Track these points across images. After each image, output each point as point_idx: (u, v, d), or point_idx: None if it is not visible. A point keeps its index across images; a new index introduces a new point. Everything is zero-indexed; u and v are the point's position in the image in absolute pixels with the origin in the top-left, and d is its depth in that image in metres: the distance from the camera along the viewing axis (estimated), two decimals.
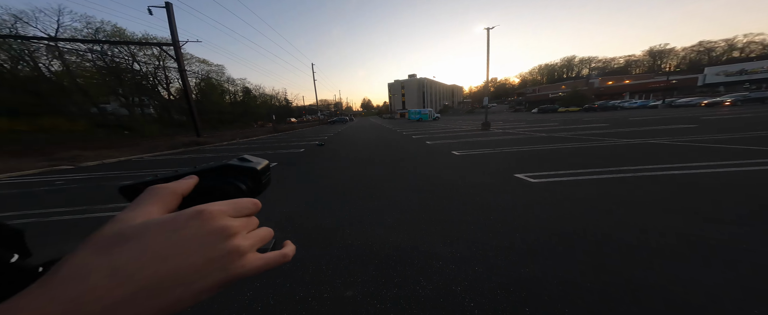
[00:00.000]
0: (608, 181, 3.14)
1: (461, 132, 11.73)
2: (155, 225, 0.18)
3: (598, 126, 10.51)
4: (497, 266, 1.58)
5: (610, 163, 4.06)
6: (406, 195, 3.02)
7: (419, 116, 33.35)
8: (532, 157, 4.97)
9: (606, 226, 2.00)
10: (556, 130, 9.74)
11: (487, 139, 8.17)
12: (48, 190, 4.14)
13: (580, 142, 6.51)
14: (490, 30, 13.54)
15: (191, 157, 8.29)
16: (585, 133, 8.16)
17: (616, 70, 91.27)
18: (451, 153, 5.97)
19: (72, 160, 7.19)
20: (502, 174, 3.75)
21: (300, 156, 6.85)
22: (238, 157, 0.29)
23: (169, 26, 11.83)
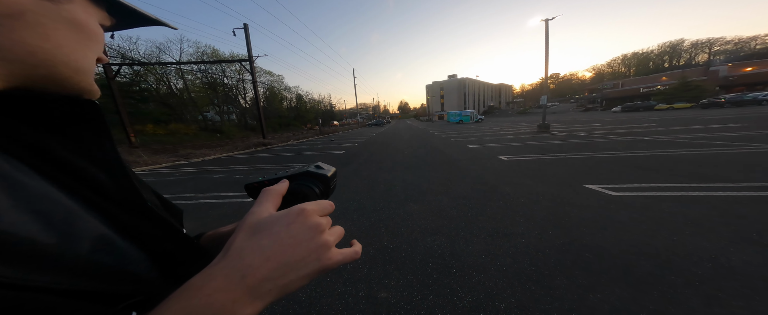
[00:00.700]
0: (743, 199, 2.25)
1: (510, 135, 10.36)
2: (277, 219, 0.23)
3: (726, 127, 7.71)
4: None
5: (747, 176, 2.91)
6: (442, 200, 2.84)
7: (459, 118, 31.23)
8: (612, 164, 3.99)
9: (737, 260, 1.42)
10: (650, 133, 7.58)
11: (546, 144, 6.97)
12: (172, 180, 5.58)
13: (695, 148, 4.89)
14: (548, 21, 11.74)
15: (258, 155, 9.89)
16: (702, 137, 6.10)
17: (757, 52, 65.32)
18: (496, 158, 5.33)
19: (186, 156, 9.55)
20: (566, 183, 3.14)
21: (340, 157, 7.32)
22: (315, 164, 0.34)
23: (246, 44, 14.46)
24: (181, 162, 8.63)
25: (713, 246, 1.59)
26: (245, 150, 12.09)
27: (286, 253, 0.21)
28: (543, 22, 11.96)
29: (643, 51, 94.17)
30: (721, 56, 70.02)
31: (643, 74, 71.91)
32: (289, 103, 47.38)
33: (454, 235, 2.01)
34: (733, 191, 2.48)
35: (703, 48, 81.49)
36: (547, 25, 11.92)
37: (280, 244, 0.21)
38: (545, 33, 12.02)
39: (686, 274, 1.36)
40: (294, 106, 47.64)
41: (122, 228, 0.21)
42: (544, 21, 11.95)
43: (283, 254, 0.21)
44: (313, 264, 0.22)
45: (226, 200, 3.47)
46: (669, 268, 1.42)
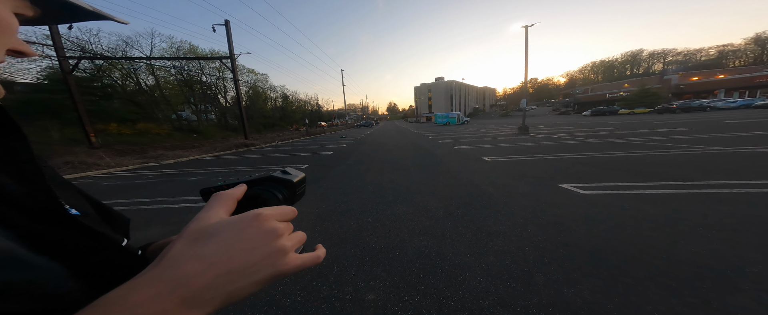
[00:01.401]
0: (693, 196, 2.53)
1: (493, 137, 10.87)
2: (227, 224, 0.22)
3: (678, 130, 8.64)
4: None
5: (699, 175, 3.28)
6: (429, 201, 2.90)
7: (446, 120, 32.17)
8: (583, 165, 4.31)
9: (688, 252, 1.60)
10: (615, 136, 8.31)
11: (525, 145, 7.40)
12: (139, 184, 5.15)
13: (652, 149, 5.43)
14: (528, 28, 12.46)
15: (239, 157, 9.45)
16: (657, 139, 6.79)
17: (703, 63, 74.21)
18: (480, 159, 5.57)
19: (157, 158, 8.86)
20: (543, 183, 3.34)
21: (328, 158, 7.21)
22: (281, 169, 0.33)
23: (227, 41, 13.81)
24: (151, 164, 8.00)
25: (669, 239, 1.78)
26: (225, 151, 11.48)
27: (234, 259, 0.20)
28: (523, 29, 12.65)
29: (609, 59, 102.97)
30: (673, 66, 78.39)
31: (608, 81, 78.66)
32: (274, 103, 45.86)
33: (441, 235, 2.06)
34: (683, 189, 2.79)
35: (659, 58, 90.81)
36: (526, 32, 12.62)
37: (228, 250, 0.20)
38: (525, 39, 12.72)
39: (646, 266, 1.50)
40: (279, 106, 46.20)
41: (35, 241, 0.19)
42: (524, 27, 12.64)
43: (230, 261, 0.20)
44: (268, 269, 0.21)
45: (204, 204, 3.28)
46: (631, 261, 1.56)
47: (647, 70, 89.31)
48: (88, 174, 6.49)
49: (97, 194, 3.59)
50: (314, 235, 2.23)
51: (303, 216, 2.66)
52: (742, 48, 75.26)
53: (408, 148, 8.52)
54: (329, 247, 2.01)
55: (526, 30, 12.59)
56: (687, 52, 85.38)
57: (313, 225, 2.43)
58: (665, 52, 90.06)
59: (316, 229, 2.35)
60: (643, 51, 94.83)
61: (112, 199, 3.95)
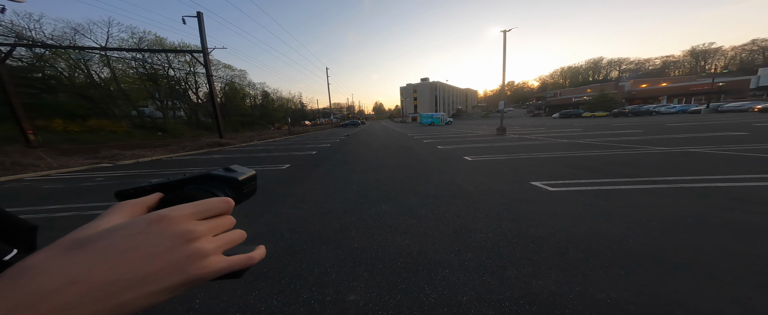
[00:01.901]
0: (638, 191, 2.87)
1: (474, 137, 11.38)
2: (112, 231, 0.19)
3: (630, 132, 9.71)
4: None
5: (642, 172, 3.71)
6: (412, 200, 2.96)
7: (431, 120, 32.97)
8: (552, 164, 4.68)
9: (634, 242, 1.81)
10: (580, 137, 9.13)
11: (503, 145, 7.85)
12: (87, 187, 4.59)
13: (607, 149, 6.04)
14: (506, 32, 13.19)
15: (212, 157, 8.83)
16: (613, 140, 7.57)
17: (651, 72, 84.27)
18: (462, 158, 5.80)
19: (112, 158, 7.95)
20: (517, 181, 3.57)
21: (311, 158, 7.03)
22: (225, 167, 0.30)
23: (200, 34, 12.82)
24: (104, 164, 7.18)
25: (618, 231, 2.00)
26: (195, 151, 10.65)
27: (116, 270, 0.17)
28: (502, 33, 13.33)
29: (575, 65, 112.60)
30: (626, 74, 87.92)
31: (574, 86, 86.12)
32: (254, 100, 43.53)
33: (423, 233, 2.11)
34: (632, 185, 3.15)
35: (616, 66, 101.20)
36: (504, 36, 13.32)
37: (106, 261, 0.18)
38: (503, 43, 13.41)
39: (599, 257, 1.67)
40: (259, 103, 43.96)
41: None
42: (502, 32, 13.32)
43: (108, 273, 0.17)
44: (176, 276, 0.19)
45: None
46: (588, 252, 1.73)
47: (606, 76, 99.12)
48: (23, 176, 5.64)
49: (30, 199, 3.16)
50: (294, 236, 2.16)
51: (283, 218, 2.57)
52: (681, 59, 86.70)
53: (393, 148, 8.59)
54: (310, 249, 1.96)
55: (504, 34, 13.30)
56: (638, 62, 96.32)
57: (294, 226, 2.35)
58: (621, 60, 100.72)
59: (297, 230, 2.28)
60: (603, 59, 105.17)
61: (50, 203, 3.48)
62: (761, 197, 2.51)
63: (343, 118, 69.60)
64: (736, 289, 1.31)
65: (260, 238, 2.19)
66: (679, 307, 1.20)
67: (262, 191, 3.67)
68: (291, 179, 4.46)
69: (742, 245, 1.71)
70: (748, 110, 22.53)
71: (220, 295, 1.48)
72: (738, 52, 76.67)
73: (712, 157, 4.47)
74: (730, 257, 1.58)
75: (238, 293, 1.50)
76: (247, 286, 1.55)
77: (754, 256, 1.58)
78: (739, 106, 24.38)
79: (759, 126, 9.33)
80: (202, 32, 12.90)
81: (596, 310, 1.22)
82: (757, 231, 1.87)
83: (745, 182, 3.00)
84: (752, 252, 1.62)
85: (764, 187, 2.79)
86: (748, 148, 5.07)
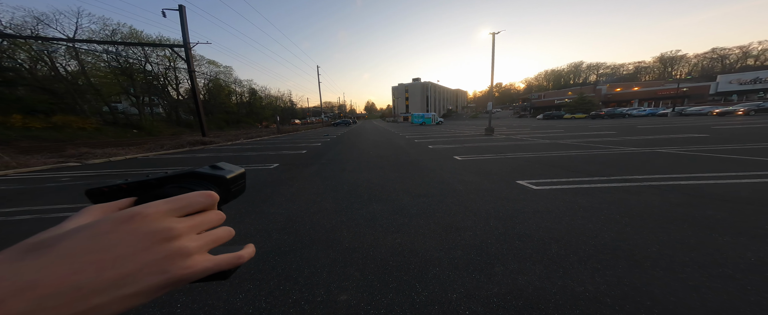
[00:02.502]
0: (612, 189, 3.07)
1: (464, 137, 11.66)
2: (78, 231, 0.18)
3: (605, 133, 10.32)
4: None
5: (616, 171, 3.97)
6: (404, 199, 2.99)
7: (422, 120, 33.37)
8: (536, 163, 4.89)
9: (608, 237, 1.94)
10: (561, 137, 9.60)
11: (490, 145, 8.10)
12: (50, 187, 4.23)
13: (585, 149, 6.39)
14: (495, 35, 13.56)
15: (194, 156, 8.43)
16: (591, 141, 8.02)
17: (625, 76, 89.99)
18: (452, 158, 5.92)
19: (80, 157, 7.37)
20: (504, 180, 3.70)
21: (301, 157, 6.90)
22: (210, 164, 0.28)
23: (181, 28, 12.18)
24: (71, 164, 6.67)
25: (594, 227, 2.13)
26: (175, 149, 10.12)
27: (86, 272, 0.16)
28: (491, 36, 13.68)
29: (558, 69, 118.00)
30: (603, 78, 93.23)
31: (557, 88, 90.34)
32: (240, 98, 41.98)
33: (414, 232, 2.13)
34: (606, 183, 3.36)
35: (594, 70, 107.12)
36: (493, 38, 13.67)
37: (71, 264, 0.16)
38: (492, 45, 13.77)
39: (579, 252, 1.77)
40: (246, 101, 42.46)
41: None
42: (491, 34, 13.68)
43: (74, 276, 0.16)
44: (155, 277, 0.18)
45: None
46: (568, 248, 1.83)
47: (585, 79, 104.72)
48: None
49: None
50: (283, 237, 2.12)
51: (271, 218, 2.50)
52: (651, 65, 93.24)
53: (385, 147, 8.60)
54: (299, 249, 1.93)
55: (492, 37, 13.66)
56: (614, 66, 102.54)
57: (283, 226, 2.30)
58: (598, 65, 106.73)
59: (286, 230, 2.23)
60: (583, 63, 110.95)
61: (6, 206, 3.19)
62: (717, 194, 2.77)
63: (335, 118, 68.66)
64: (695, 279, 1.44)
65: (247, 238, 2.13)
66: (648, 298, 1.30)
67: (248, 191, 3.55)
68: (280, 179, 4.35)
69: (698, 239, 1.88)
70: (707, 114, 24.64)
71: (204, 298, 1.43)
72: (700, 60, 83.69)
73: (677, 157, 4.86)
74: (689, 251, 1.74)
75: (222, 296, 1.45)
76: (233, 288, 1.50)
77: (711, 249, 1.74)
78: (700, 109, 26.63)
79: (717, 128, 10.24)
80: (184, 26, 12.26)
81: (576, 303, 1.29)
82: (713, 225, 2.06)
83: (704, 180, 3.29)
84: (707, 245, 1.79)
85: (720, 185, 3.07)
86: (708, 149, 5.55)
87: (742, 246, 1.75)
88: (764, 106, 22.40)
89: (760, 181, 3.13)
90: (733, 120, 15.82)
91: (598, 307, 1.26)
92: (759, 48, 72.46)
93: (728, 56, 77.46)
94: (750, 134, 7.80)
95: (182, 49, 12.59)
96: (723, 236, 1.88)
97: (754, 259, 1.60)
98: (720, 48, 78.48)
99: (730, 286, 1.37)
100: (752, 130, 8.85)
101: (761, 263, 1.56)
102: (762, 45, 71.91)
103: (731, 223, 2.07)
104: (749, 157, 4.57)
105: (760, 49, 72.27)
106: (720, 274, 1.46)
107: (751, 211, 2.29)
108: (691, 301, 1.27)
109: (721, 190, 2.89)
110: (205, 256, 0.20)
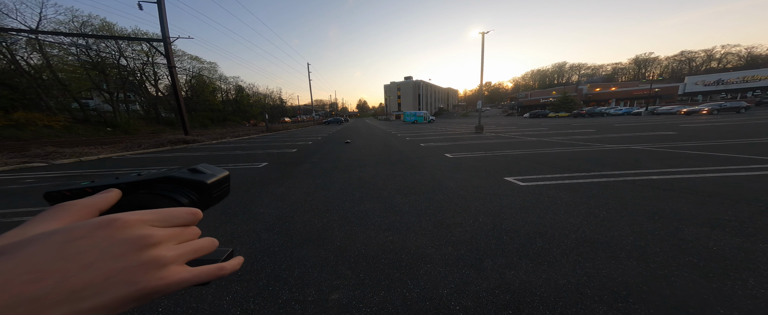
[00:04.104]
0: (592, 184, 3.23)
1: (455, 135, 11.87)
2: (44, 236, 0.16)
3: (586, 131, 10.84)
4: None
5: (596, 167, 4.18)
6: (396, 197, 3.01)
7: (414, 118, 33.55)
8: (523, 160, 5.06)
9: (588, 230, 2.05)
10: (546, 135, 9.98)
11: (480, 143, 8.29)
12: (14, 189, 3.90)
13: (568, 147, 6.69)
14: (485, 34, 13.81)
15: (175, 154, 8.04)
16: (572, 139, 8.39)
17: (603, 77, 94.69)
18: (443, 155, 6.01)
19: (46, 157, 6.83)
20: (492, 177, 3.80)
21: (291, 155, 6.75)
22: (190, 167, 0.26)
23: (160, 21, 11.50)
24: (37, 164, 6.19)
25: (576, 221, 2.24)
26: (154, 148, 9.61)
27: (47, 281, 0.15)
28: (480, 35, 13.91)
29: (543, 69, 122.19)
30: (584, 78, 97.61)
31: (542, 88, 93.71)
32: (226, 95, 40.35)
33: (406, 229, 2.15)
34: (587, 178, 3.53)
35: (576, 70, 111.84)
36: (483, 38, 13.91)
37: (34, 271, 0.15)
38: (481, 45, 14.01)
39: (562, 245, 1.86)
40: (233, 98, 40.90)
41: None
42: (480, 34, 13.90)
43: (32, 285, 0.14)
44: (125, 288, 0.16)
45: None
46: (552, 242, 1.92)
47: (568, 80, 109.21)
48: None
49: None
50: (272, 237, 2.07)
51: (259, 218, 2.44)
52: (627, 66, 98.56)
53: (377, 145, 8.59)
54: (289, 249, 1.90)
55: (482, 36, 13.90)
56: (594, 67, 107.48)
57: (271, 226, 2.25)
58: (580, 66, 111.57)
59: (275, 230, 2.18)
60: (566, 63, 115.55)
61: None
62: (684, 187, 2.99)
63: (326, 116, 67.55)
64: (665, 269, 1.55)
65: (233, 239, 2.06)
66: (623, 288, 1.39)
67: (235, 191, 3.44)
68: (269, 178, 4.24)
69: (667, 230, 2.02)
70: (676, 113, 26.44)
71: (188, 301, 1.38)
72: (670, 62, 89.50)
73: (649, 154, 5.19)
74: (659, 241, 1.87)
75: (208, 298, 1.41)
76: (219, 291, 1.46)
77: (677, 239, 1.88)
78: (670, 109, 28.52)
79: (684, 126, 11.03)
80: (163, 20, 11.61)
81: (559, 294, 1.36)
82: (680, 217, 2.23)
83: (673, 175, 3.54)
84: (675, 235, 1.93)
85: (686, 179, 3.32)
86: (676, 146, 5.97)
87: (705, 236, 1.90)
88: (725, 106, 24.36)
89: (720, 176, 3.40)
90: (699, 119, 17.09)
91: (579, 298, 1.32)
92: (722, 51, 78.55)
93: (695, 59, 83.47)
94: (712, 132, 8.46)
95: (161, 43, 11.91)
96: (688, 227, 2.04)
97: (715, 247, 1.75)
98: (687, 51, 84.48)
99: (695, 273, 1.49)
100: (714, 128, 9.61)
101: (720, 251, 1.70)
102: (724, 49, 78.00)
103: (695, 215, 2.24)
104: (712, 153, 4.96)
105: (723, 52, 78.36)
106: (686, 263, 1.58)
107: (712, 203, 2.50)
108: (662, 289, 1.37)
109: (688, 184, 3.12)
110: (182, 267, 0.19)
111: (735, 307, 1.22)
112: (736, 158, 4.39)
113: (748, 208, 2.33)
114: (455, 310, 1.27)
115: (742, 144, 5.80)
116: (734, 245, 1.76)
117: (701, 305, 1.25)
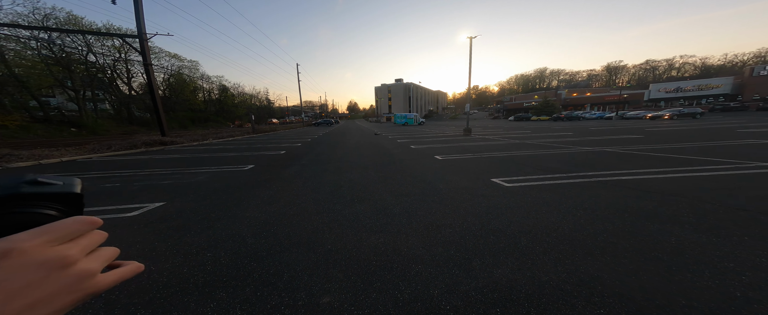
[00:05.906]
0: (570, 185, 3.44)
1: (444, 137, 12.13)
2: None
3: (564, 134, 11.49)
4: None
5: (574, 168, 4.45)
6: (387, 199, 3.03)
7: (405, 120, 33.83)
8: (509, 162, 5.27)
9: (567, 228, 2.17)
10: (529, 138, 10.47)
11: (468, 145, 8.53)
12: None
13: (549, 149, 7.06)
14: (472, 39, 14.26)
15: (152, 157, 7.55)
16: (553, 142, 8.87)
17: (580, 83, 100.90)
18: (433, 157, 6.13)
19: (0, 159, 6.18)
20: (480, 178, 3.93)
21: (280, 158, 6.57)
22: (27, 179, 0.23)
23: (136, 16, 10.82)
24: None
25: (556, 219, 2.37)
26: (126, 150, 9.00)
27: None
28: (468, 39, 14.32)
29: (526, 73, 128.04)
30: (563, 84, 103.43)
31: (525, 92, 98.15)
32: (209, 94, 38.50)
33: (397, 231, 2.17)
34: (566, 179, 3.75)
35: (556, 76, 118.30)
36: (470, 42, 14.31)
37: None
38: (469, 49, 14.42)
39: (543, 243, 1.96)
40: (216, 98, 39.09)
41: None
42: (469, 38, 14.31)
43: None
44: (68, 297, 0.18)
45: None
46: (535, 240, 2.02)
47: (548, 84, 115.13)
48: None
49: None
50: (259, 242, 2.01)
51: (245, 223, 2.35)
52: (600, 73, 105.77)
53: (368, 147, 8.58)
54: (278, 253, 1.86)
55: (470, 40, 14.32)
56: (571, 73, 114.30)
57: (259, 231, 2.18)
58: (559, 71, 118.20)
59: (262, 235, 2.12)
60: (547, 69, 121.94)
61: None
62: (649, 187, 3.26)
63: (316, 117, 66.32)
64: (634, 264, 1.69)
65: (217, 245, 1.98)
66: (599, 283, 1.49)
67: (219, 194, 3.30)
68: (255, 181, 4.10)
69: (635, 227, 2.20)
70: (642, 118, 28.70)
71: (169, 310, 1.31)
72: (637, 70, 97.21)
73: (620, 156, 5.60)
74: (629, 238, 2.02)
75: (191, 306, 1.34)
76: (202, 298, 1.40)
77: (644, 235, 2.05)
78: (637, 114, 30.90)
79: (650, 130, 12.01)
80: (139, 14, 10.93)
81: (542, 291, 1.43)
82: (647, 215, 2.43)
83: (640, 175, 3.84)
84: (642, 232, 2.10)
85: (652, 179, 3.62)
86: (643, 148, 6.49)
87: (667, 232, 2.08)
88: (684, 112, 26.80)
89: (681, 176, 3.75)
90: (661, 123, 18.66)
91: (560, 294, 1.41)
92: (681, 61, 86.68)
93: (658, 67, 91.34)
94: (673, 135, 9.29)
95: (136, 39, 11.21)
96: (653, 224, 2.22)
97: (676, 242, 1.92)
98: (652, 60, 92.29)
99: (660, 267, 1.63)
100: (675, 132, 10.55)
101: (681, 245, 1.87)
102: (683, 59, 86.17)
103: (660, 213, 2.45)
104: (674, 155, 5.44)
105: (681, 62, 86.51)
106: (652, 258, 1.73)
107: (674, 201, 2.74)
108: (632, 283, 1.49)
109: (653, 184, 3.40)
110: (106, 274, 0.22)
111: (694, 298, 1.36)
112: (693, 160, 4.85)
113: (703, 206, 2.58)
114: (446, 310, 1.31)
115: (697, 147, 6.42)
116: (692, 240, 1.94)
117: (666, 296, 1.37)
